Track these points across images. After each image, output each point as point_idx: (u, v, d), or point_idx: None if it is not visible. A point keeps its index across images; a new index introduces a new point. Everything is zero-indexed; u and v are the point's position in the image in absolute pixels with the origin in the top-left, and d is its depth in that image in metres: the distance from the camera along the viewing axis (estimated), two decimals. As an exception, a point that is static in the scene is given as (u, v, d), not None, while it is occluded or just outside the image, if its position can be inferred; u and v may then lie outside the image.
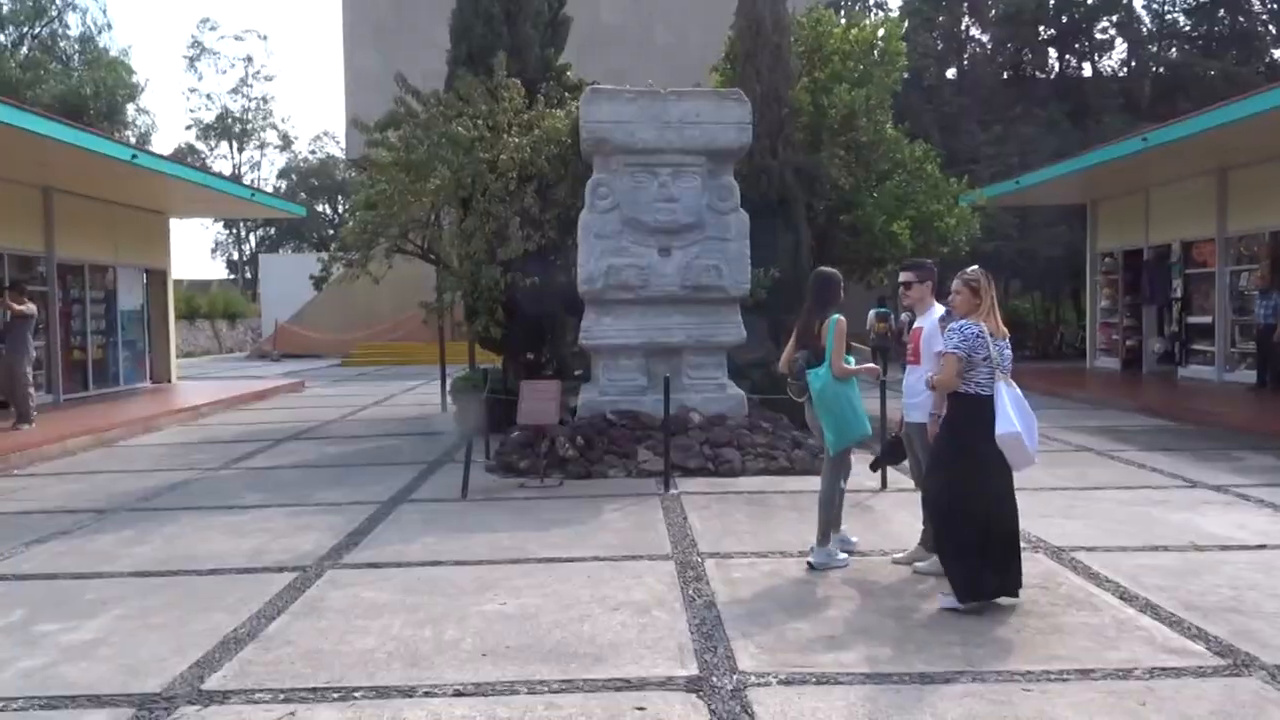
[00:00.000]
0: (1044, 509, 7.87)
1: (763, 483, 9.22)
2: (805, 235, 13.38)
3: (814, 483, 9.10)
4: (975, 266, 5.80)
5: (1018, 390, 5.43)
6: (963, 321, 5.57)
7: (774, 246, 12.80)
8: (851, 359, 6.43)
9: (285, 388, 20.72)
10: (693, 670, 4.57)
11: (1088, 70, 30.96)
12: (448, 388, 14.91)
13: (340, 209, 60.69)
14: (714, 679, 4.46)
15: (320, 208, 61.94)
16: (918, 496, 8.49)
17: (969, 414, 5.42)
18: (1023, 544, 6.76)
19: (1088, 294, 23.62)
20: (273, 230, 61.66)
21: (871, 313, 6.74)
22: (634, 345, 10.83)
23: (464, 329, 13.50)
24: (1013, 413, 5.28)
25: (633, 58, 34.64)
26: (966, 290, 5.62)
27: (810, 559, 6.33)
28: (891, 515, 7.87)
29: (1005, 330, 5.62)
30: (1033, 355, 27.56)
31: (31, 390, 13.11)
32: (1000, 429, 5.26)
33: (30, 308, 12.85)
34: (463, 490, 8.84)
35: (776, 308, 12.70)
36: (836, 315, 6.43)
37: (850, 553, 6.55)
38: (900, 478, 9.37)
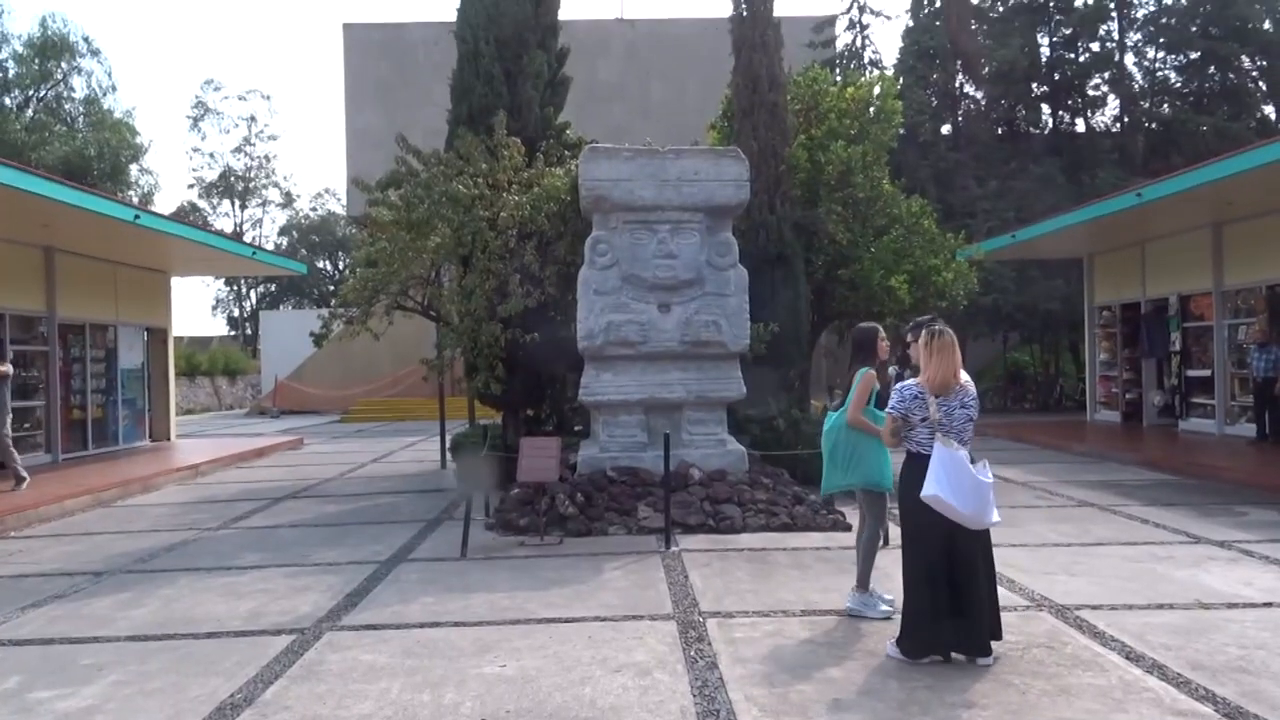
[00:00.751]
0: (1046, 566, 7.81)
1: (764, 539, 9.16)
2: (804, 290, 13.44)
3: (815, 539, 9.11)
4: (930, 317, 5.74)
5: (961, 452, 5.36)
6: (905, 382, 5.65)
7: (773, 301, 12.86)
8: (881, 415, 6.41)
9: (284, 445, 20.65)
10: (695, 734, 4.50)
11: (1081, 126, 31.32)
12: (447, 444, 14.87)
13: (341, 265, 60.99)
14: (717, 743, 4.39)
15: (321, 264, 62.25)
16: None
17: (911, 473, 5.55)
18: (1027, 602, 6.73)
19: (1086, 347, 23.67)
20: (274, 286, 61.91)
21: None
22: (634, 401, 10.83)
23: (464, 385, 13.50)
24: (939, 474, 5.31)
25: (631, 115, 35.09)
26: (917, 345, 5.63)
27: (847, 602, 6.52)
28: (894, 572, 7.79)
29: (962, 384, 5.52)
30: (1032, 408, 27.55)
31: (13, 449, 13.05)
32: (924, 490, 5.35)
33: (6, 368, 12.81)
34: (462, 549, 8.78)
35: (776, 362, 12.73)
36: (866, 369, 6.71)
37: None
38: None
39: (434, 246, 12.32)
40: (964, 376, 5.60)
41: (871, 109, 15.56)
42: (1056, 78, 30.30)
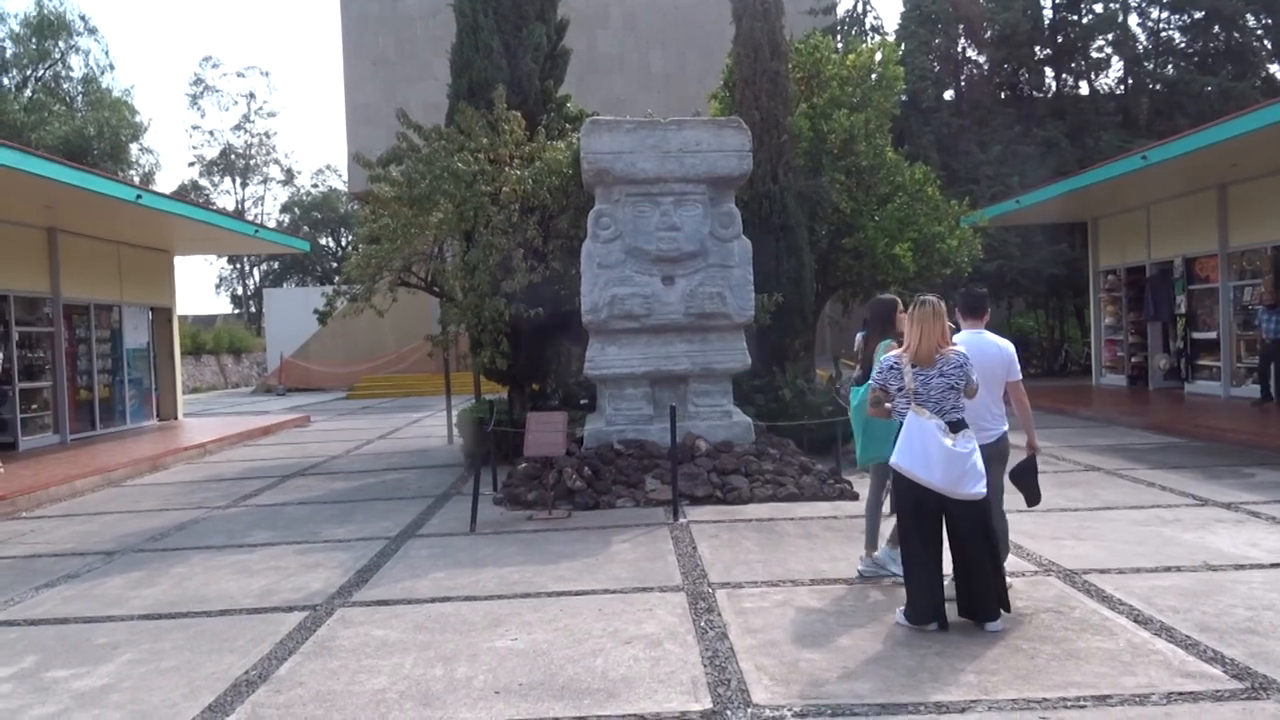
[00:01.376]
0: (1055, 531, 7.84)
1: (771, 510, 9.19)
2: (808, 260, 13.41)
3: (822, 509, 9.13)
4: (925, 295, 5.71)
5: (932, 420, 5.42)
6: (886, 354, 5.78)
7: (777, 272, 12.84)
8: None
9: (291, 423, 20.72)
10: (706, 704, 4.54)
11: (1084, 89, 31.08)
12: (454, 420, 14.91)
13: (344, 242, 60.94)
14: (728, 712, 4.43)
15: (324, 241, 62.18)
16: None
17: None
18: (1035, 567, 6.76)
19: (1091, 311, 23.62)
20: (277, 264, 61.90)
21: (859, 335, 7.04)
22: (639, 374, 10.84)
23: (469, 361, 13.51)
24: (905, 443, 5.47)
25: (631, 86, 34.87)
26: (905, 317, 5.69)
27: (859, 567, 6.66)
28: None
29: (946, 354, 5.51)
30: (1038, 373, 27.53)
31: None
32: (891, 458, 5.59)
33: None
34: (471, 524, 8.82)
35: (781, 333, 12.73)
36: (888, 340, 6.65)
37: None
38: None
39: (436, 222, 12.29)
40: (957, 347, 5.62)
41: (873, 76, 15.47)
42: (1059, 40, 30.04)
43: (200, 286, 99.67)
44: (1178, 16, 30.16)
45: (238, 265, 63.80)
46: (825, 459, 11.46)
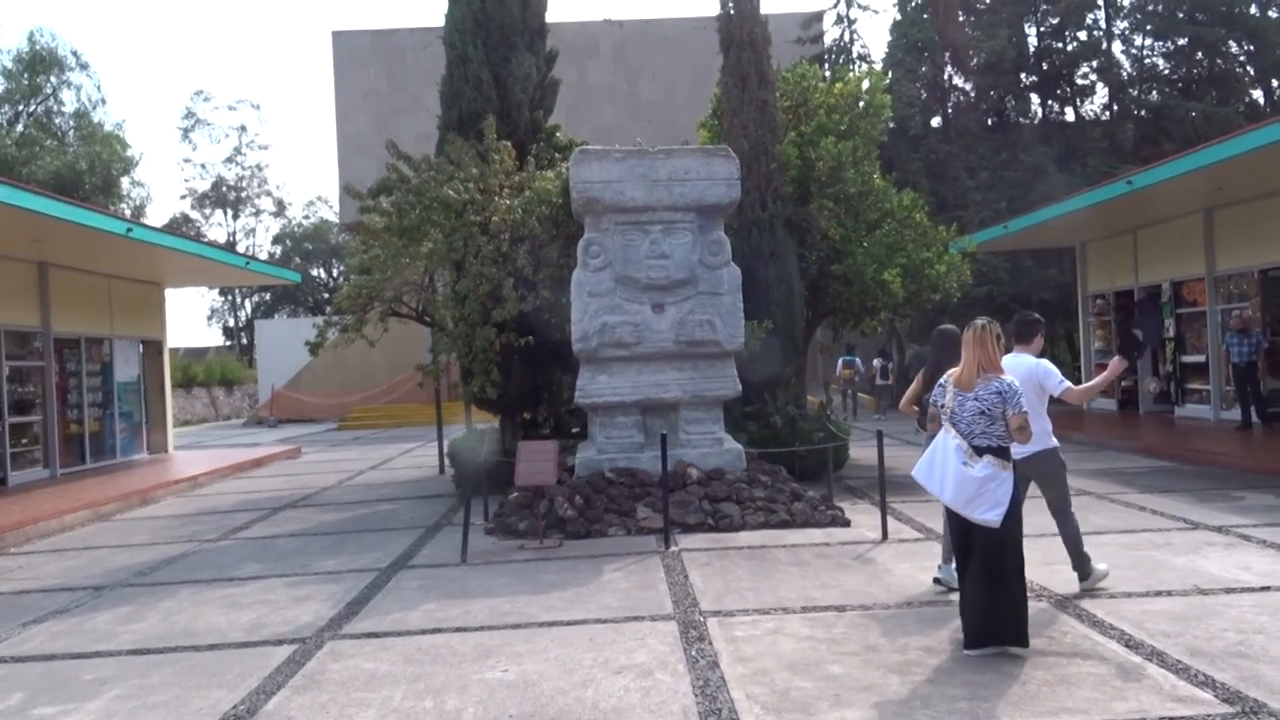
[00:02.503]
0: (1046, 555, 7.84)
1: (763, 537, 9.18)
2: (798, 286, 13.46)
3: (814, 536, 9.12)
4: (979, 319, 5.91)
5: (956, 441, 5.63)
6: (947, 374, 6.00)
7: (767, 299, 12.88)
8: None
9: (282, 454, 20.65)
10: (697, 734, 4.51)
11: (1071, 115, 31.38)
12: (445, 450, 14.87)
13: (335, 272, 60.96)
14: (719, 743, 4.40)
15: (315, 272, 62.20)
16: (920, 547, 8.52)
17: None
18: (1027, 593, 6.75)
19: (1081, 335, 23.72)
20: (268, 296, 61.86)
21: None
22: (630, 402, 10.84)
23: (460, 390, 13.50)
24: (925, 458, 5.81)
25: (620, 116, 35.09)
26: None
27: (937, 574, 7.10)
28: (894, 566, 7.82)
29: (988, 379, 5.65)
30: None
31: None
32: (914, 470, 5.94)
33: None
34: (462, 554, 8.80)
35: (772, 359, 12.74)
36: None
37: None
38: (901, 528, 9.36)
39: (427, 252, 12.32)
40: (1004, 373, 5.72)
41: (860, 104, 15.58)
42: (1045, 67, 30.36)
43: (192, 318, 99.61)
44: (1161, 43, 30.52)
45: (229, 297, 63.77)
46: (817, 486, 11.46)
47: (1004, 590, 5.51)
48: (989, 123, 30.56)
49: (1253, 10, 29.28)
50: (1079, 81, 30.98)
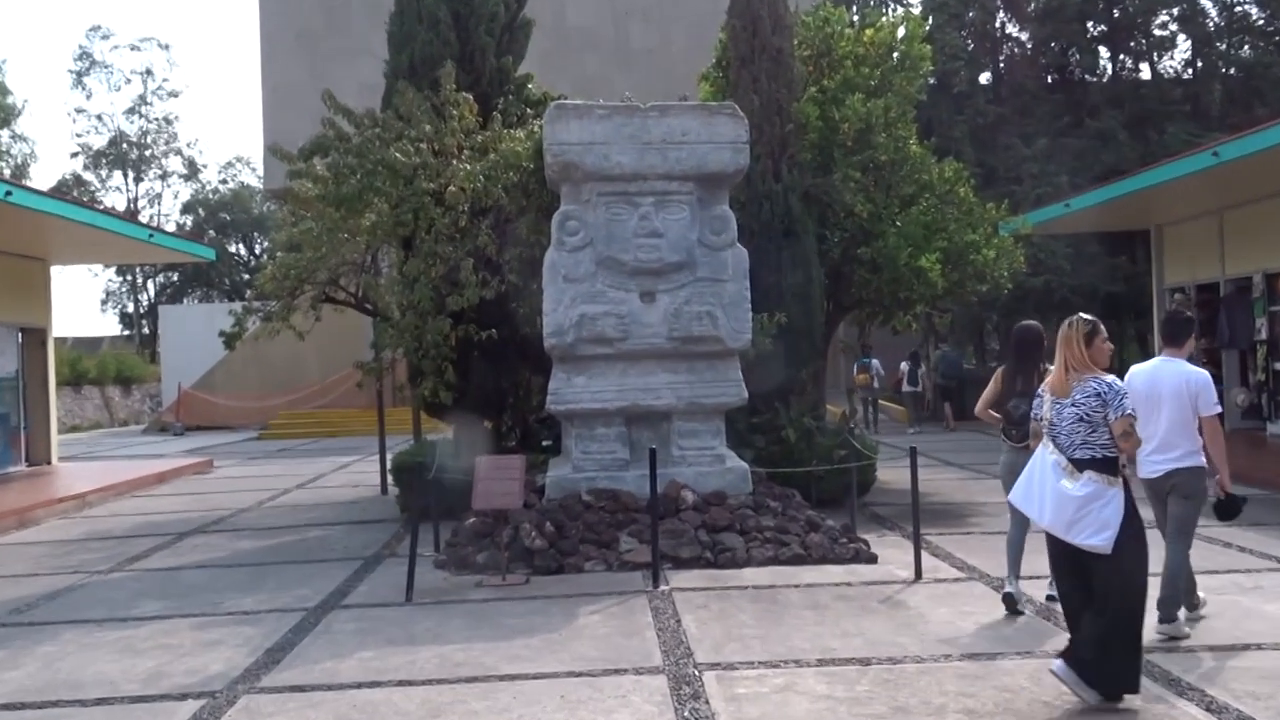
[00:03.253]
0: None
1: (772, 574, 9.18)
2: (817, 273, 13.46)
3: (834, 574, 9.13)
4: (1078, 315, 6.09)
5: (1053, 456, 5.84)
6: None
7: (779, 287, 12.88)
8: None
9: (190, 468, 20.56)
10: (690, 812, 4.50)
11: (1146, 72, 31.47)
12: (388, 465, 14.84)
13: (258, 250, 60.80)
14: (716, 823, 4.39)
15: (233, 248, 62.04)
16: (961, 588, 8.54)
17: None
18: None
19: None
20: (175, 276, 61.64)
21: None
22: (613, 410, 10.83)
23: (407, 393, 13.46)
24: (1023, 477, 6.09)
25: (606, 66, 35.04)
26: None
27: (1007, 587, 7.79)
28: (929, 611, 7.83)
29: (1084, 380, 5.88)
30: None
31: None
32: (1010, 494, 6.33)
33: None
34: (407, 592, 8.77)
35: (785, 360, 12.74)
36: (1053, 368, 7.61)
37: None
38: (938, 565, 9.38)
39: (369, 226, 12.29)
40: (1104, 375, 5.91)
41: (895, 55, 15.59)
42: (1116, 15, 30.45)
43: (83, 302, 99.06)
44: (1256, -12, 30.66)
45: (128, 277, 63.48)
46: (838, 513, 11.45)
47: (1118, 632, 5.62)
48: (1048, 80, 30.64)
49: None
50: (1156, 33, 31.06)
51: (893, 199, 14.70)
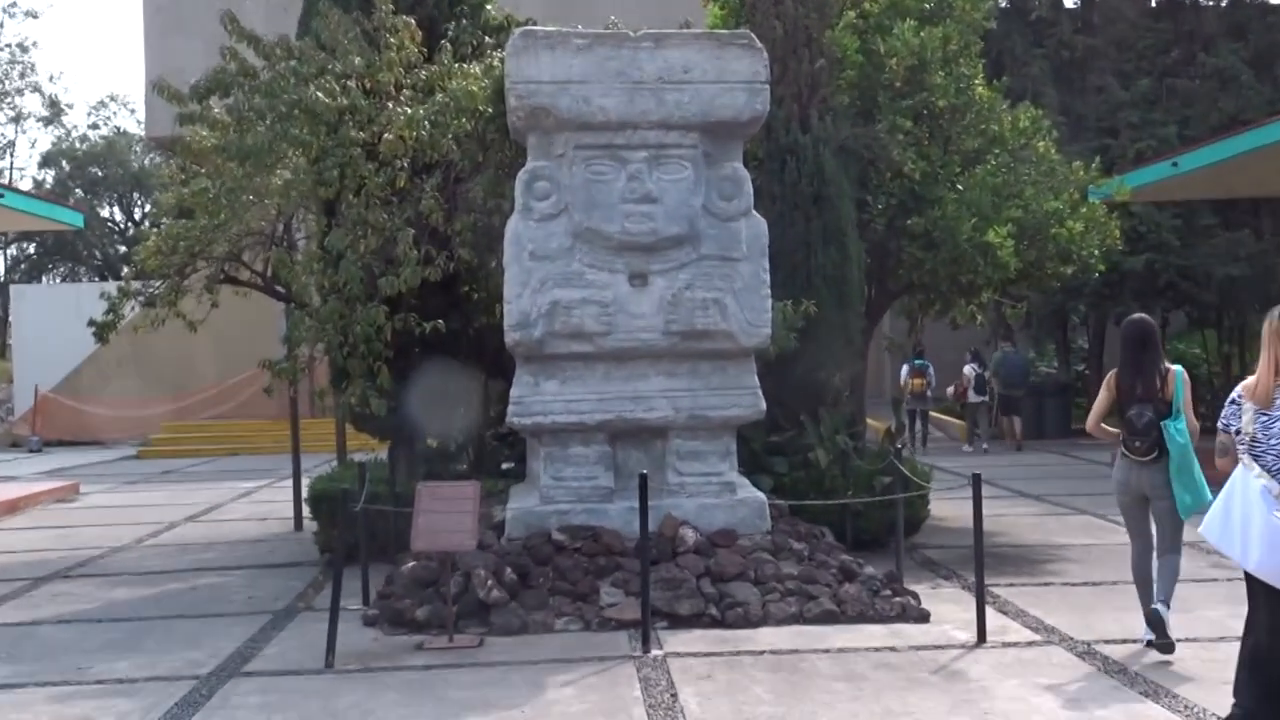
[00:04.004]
0: (1225, 672, 7.88)
1: (795, 637, 9.18)
2: (855, 250, 13.46)
3: (873, 636, 9.14)
4: None
5: (1259, 481, 5.96)
6: (1237, 390, 6.57)
7: (807, 268, 12.88)
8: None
9: (49, 494, 20.49)
10: None
11: (1277, -5, 31.54)
12: (304, 493, 14.82)
13: (138, 215, 60.70)
14: None
15: (106, 212, 61.97)
16: (1035, 654, 8.57)
17: None
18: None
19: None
20: (31, 248, 61.56)
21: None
22: (592, 425, 10.82)
23: (329, 401, 13.43)
24: (1220, 506, 6.24)
25: (587, -19, 35.05)
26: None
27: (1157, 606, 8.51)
28: (995, 685, 7.85)
29: None
30: (1207, 424, 27.73)
31: None
32: (1201, 528, 6.41)
33: None
34: (327, 655, 8.76)
35: (814, 362, 12.74)
36: (1179, 367, 8.89)
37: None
38: (1007, 625, 9.40)
39: (281, 186, 12.25)
40: None
41: (956, -30, 15.62)
42: (1239, -80, 30.53)
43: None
44: None
45: (-29, 249, 63.48)
46: (879, 558, 11.47)
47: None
48: (1152, 4, 30.67)
49: None
50: (1291, -58, 31.16)
51: (952, 155, 14.71)
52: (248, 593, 11.69)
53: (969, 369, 25.60)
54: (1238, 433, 6.26)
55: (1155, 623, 8.46)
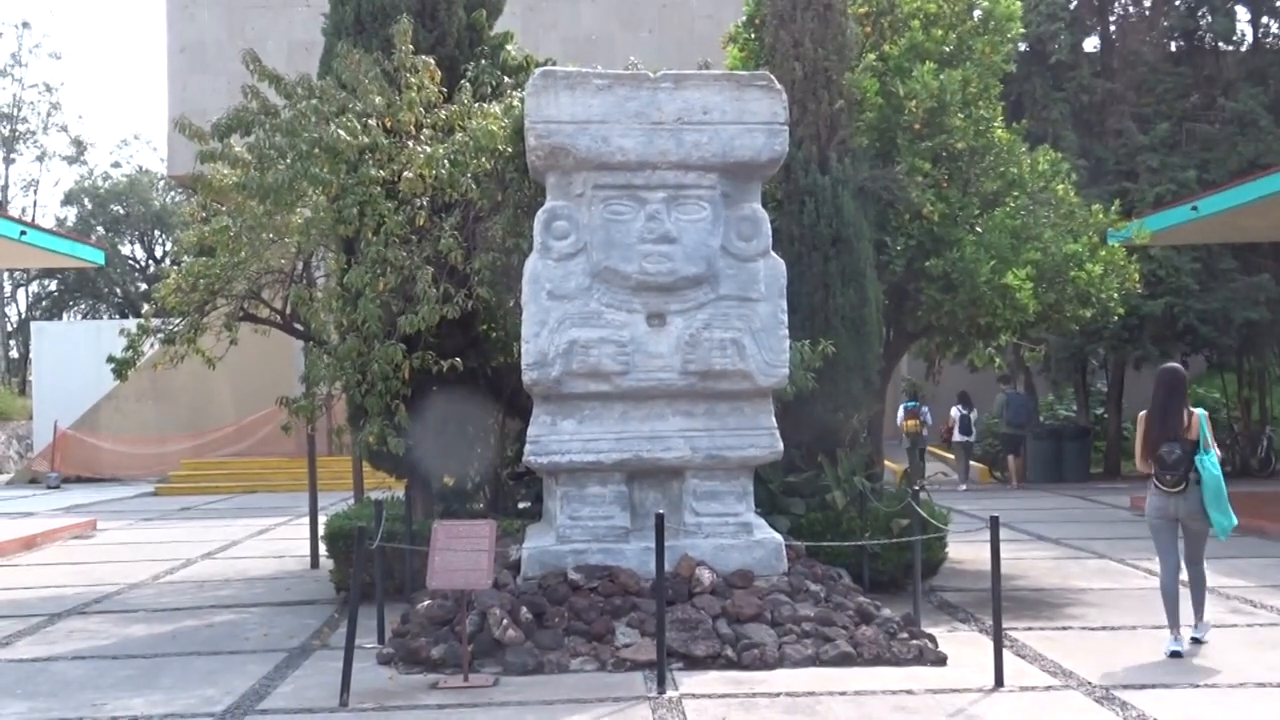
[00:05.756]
0: (1243, 714, 7.84)
1: (812, 679, 9.14)
2: (874, 291, 13.46)
3: (892, 678, 9.11)
4: None
5: None
6: None
7: (826, 309, 12.88)
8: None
9: (68, 530, 20.52)
10: None
11: (1297, 39, 31.54)
12: (320, 531, 14.82)
13: (159, 253, 60.98)
14: None
15: (127, 250, 62.27)
16: (1054, 698, 8.53)
17: None
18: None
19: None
20: (54, 285, 61.84)
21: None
22: (609, 464, 10.81)
23: (346, 439, 13.44)
24: None
25: (608, 21, 35.20)
26: None
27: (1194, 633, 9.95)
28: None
29: None
30: (1227, 469, 27.55)
31: None
32: None
33: None
34: (342, 694, 8.75)
35: (832, 403, 12.73)
36: (1201, 410, 10.30)
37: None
38: (1024, 669, 9.35)
39: (301, 224, 12.29)
40: None
41: (976, 14, 15.66)
42: (1259, -34, 30.58)
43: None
44: None
45: (-7, 285, 63.77)
46: (897, 600, 11.43)
47: None
48: (1171, 48, 30.70)
49: None
50: (1310, -12, 31.17)
51: (971, 198, 14.72)
52: (263, 630, 11.68)
53: (955, 410, 26.26)
54: None
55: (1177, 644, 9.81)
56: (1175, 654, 9.64)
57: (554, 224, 10.90)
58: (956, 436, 26.75)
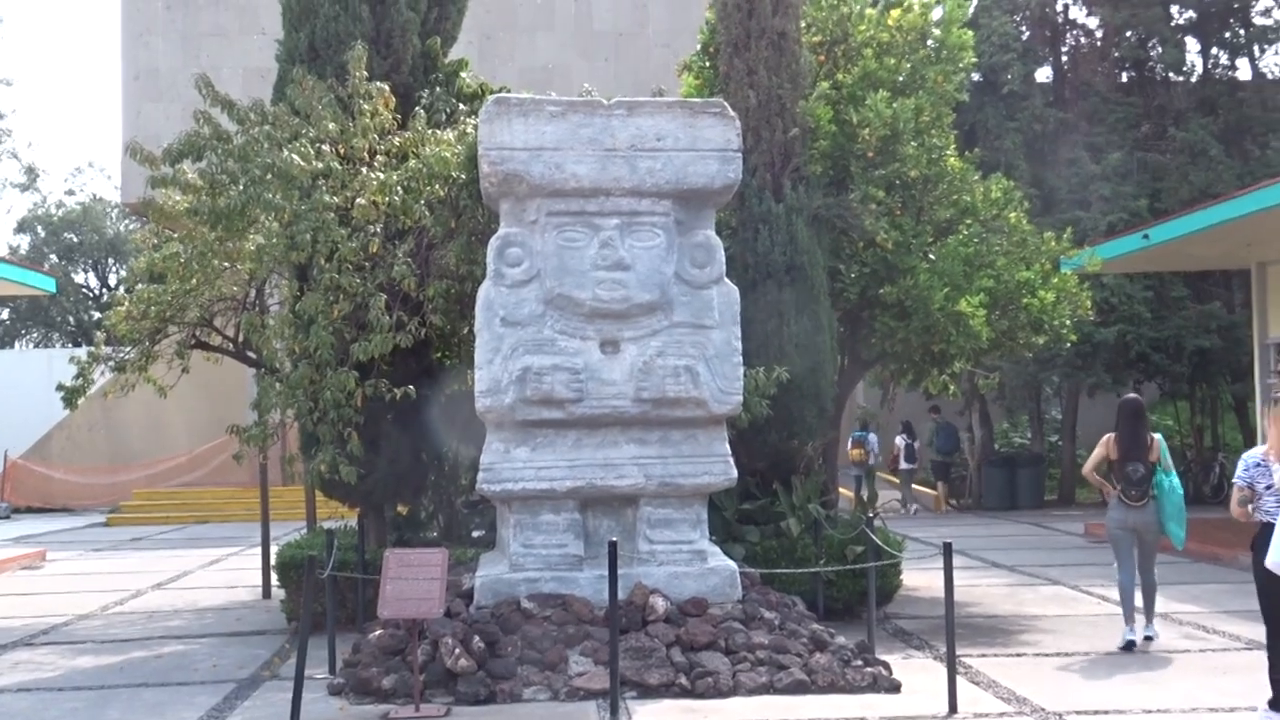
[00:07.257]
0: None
1: (765, 707, 9.14)
2: (828, 318, 13.50)
3: (845, 706, 9.12)
4: None
5: None
6: (1249, 451, 8.71)
7: (780, 336, 12.90)
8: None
9: (16, 561, 20.36)
10: None
11: (1245, 71, 31.89)
12: (272, 560, 14.73)
13: (112, 280, 60.58)
14: None
15: (80, 278, 61.83)
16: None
17: (1263, 543, 7.94)
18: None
19: (1256, 404, 23.94)
20: (5, 314, 61.38)
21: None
22: (563, 492, 10.78)
23: (298, 468, 13.36)
24: (1276, 543, 7.50)
25: (564, 49, 35.27)
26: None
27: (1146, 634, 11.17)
28: None
29: None
30: (1180, 499, 27.71)
31: None
32: (1267, 558, 7.59)
33: None
34: (292, 726, 8.68)
35: (786, 430, 12.74)
36: (1160, 435, 11.73)
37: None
38: (979, 696, 9.37)
39: (253, 251, 12.23)
40: None
41: (929, 43, 15.76)
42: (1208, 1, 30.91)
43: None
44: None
45: (-57, 314, 63.26)
46: (851, 627, 11.44)
47: None
48: (1123, 79, 31.00)
49: None
50: (1258, 21, 31.49)
51: (925, 225, 14.79)
52: (213, 661, 11.59)
53: (899, 439, 26.87)
54: (1268, 487, 8.21)
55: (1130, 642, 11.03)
56: (1130, 644, 10.88)
57: (507, 251, 10.88)
58: (902, 464, 27.47)
